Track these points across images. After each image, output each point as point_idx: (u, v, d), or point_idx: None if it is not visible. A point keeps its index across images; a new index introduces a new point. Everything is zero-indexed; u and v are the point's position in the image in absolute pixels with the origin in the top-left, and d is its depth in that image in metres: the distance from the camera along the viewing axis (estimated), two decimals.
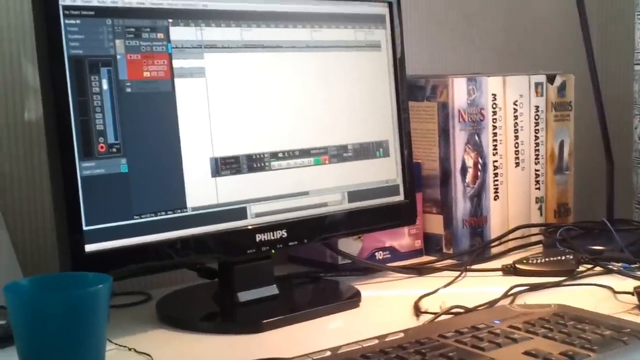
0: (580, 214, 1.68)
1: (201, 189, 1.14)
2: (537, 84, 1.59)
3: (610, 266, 1.37)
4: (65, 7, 1.04)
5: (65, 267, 1.04)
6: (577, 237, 1.51)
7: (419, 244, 1.52)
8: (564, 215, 1.65)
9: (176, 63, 1.12)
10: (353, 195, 1.30)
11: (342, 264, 1.41)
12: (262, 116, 1.20)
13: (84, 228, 1.04)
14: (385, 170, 1.34)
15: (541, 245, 1.54)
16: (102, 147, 1.06)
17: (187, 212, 1.12)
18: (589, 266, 1.38)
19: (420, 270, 1.40)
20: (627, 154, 1.76)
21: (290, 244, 1.22)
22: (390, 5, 1.36)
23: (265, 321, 1.13)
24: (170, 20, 1.12)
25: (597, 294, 1.24)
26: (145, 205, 1.09)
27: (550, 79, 1.61)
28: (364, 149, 1.32)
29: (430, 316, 1.13)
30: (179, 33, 1.13)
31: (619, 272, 1.34)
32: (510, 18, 1.89)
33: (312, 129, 1.26)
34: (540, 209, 1.61)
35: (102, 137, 1.06)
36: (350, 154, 1.30)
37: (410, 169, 1.38)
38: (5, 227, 1.21)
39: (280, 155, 1.22)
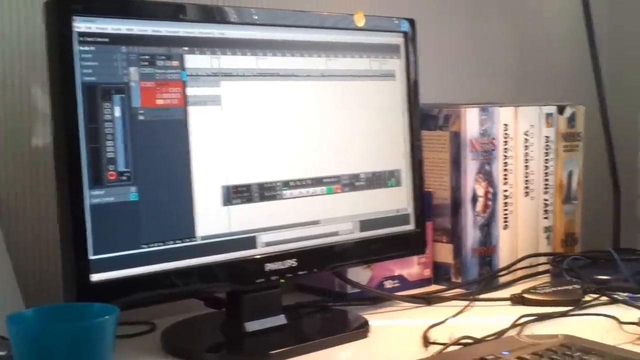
0: (587, 243, 1.62)
1: (212, 218, 1.07)
2: (547, 115, 1.53)
3: (616, 296, 1.32)
4: (80, 34, 0.97)
5: (69, 296, 0.97)
6: (583, 266, 1.45)
7: (428, 273, 1.46)
8: (571, 245, 1.59)
9: (191, 91, 1.06)
10: (364, 225, 1.23)
11: (351, 293, 1.34)
12: (275, 144, 1.14)
13: (91, 257, 0.97)
14: (396, 200, 1.28)
15: (549, 274, 1.48)
16: (112, 175, 0.99)
17: (196, 241, 1.06)
18: (595, 296, 1.33)
19: (429, 300, 1.34)
20: (634, 184, 1.72)
21: (300, 273, 1.16)
22: (405, 35, 1.29)
23: (272, 352, 1.07)
24: (186, 48, 1.06)
25: (603, 324, 1.20)
26: (154, 234, 1.02)
27: (561, 110, 1.55)
28: (376, 177, 1.25)
29: (439, 347, 1.09)
30: (195, 61, 1.06)
31: (624, 302, 1.30)
32: (522, 49, 1.84)
33: (325, 158, 1.19)
34: (548, 238, 1.55)
35: (113, 164, 0.99)
36: (363, 183, 1.23)
37: (422, 198, 1.31)
38: (7, 253, 1.13)
39: (292, 184, 1.15)
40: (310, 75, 1.18)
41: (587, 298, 1.32)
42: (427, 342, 1.11)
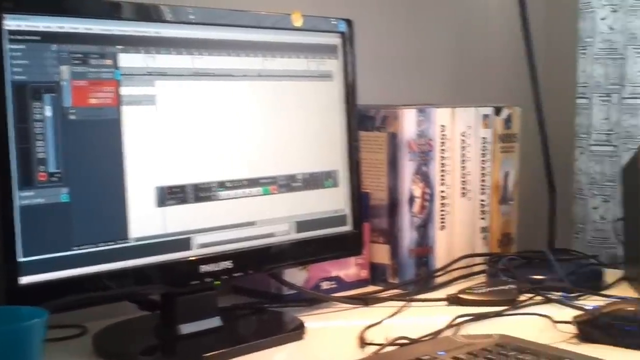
0: (523, 243, 1.64)
1: (145, 219, 1.05)
2: (484, 116, 1.53)
3: (550, 296, 1.33)
4: (11, 32, 0.95)
5: None
6: (519, 266, 1.46)
7: (365, 273, 1.44)
8: (507, 245, 1.60)
9: (125, 90, 1.04)
10: (301, 226, 1.22)
11: (287, 295, 1.33)
12: (211, 145, 1.12)
13: (20, 259, 0.95)
14: (334, 200, 1.27)
15: (485, 274, 1.48)
16: (42, 176, 0.96)
17: (129, 242, 1.04)
18: (530, 296, 1.34)
19: (365, 301, 1.33)
20: (569, 185, 1.74)
21: (235, 275, 1.14)
22: (342, 35, 1.28)
23: (207, 354, 1.05)
24: (120, 47, 1.03)
25: (537, 324, 1.21)
26: (86, 236, 1.00)
27: (497, 111, 1.56)
28: (313, 178, 1.24)
29: (375, 347, 1.08)
30: (129, 60, 1.04)
31: (558, 302, 1.31)
32: (460, 51, 1.84)
33: (262, 159, 1.18)
34: (484, 238, 1.55)
35: (43, 165, 0.96)
36: (300, 184, 1.22)
37: (359, 199, 1.30)
38: None
39: (228, 184, 1.14)
40: (246, 75, 1.16)
41: (522, 298, 1.33)
42: (363, 342, 1.10)
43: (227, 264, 1.13)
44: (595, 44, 1.69)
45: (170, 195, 1.08)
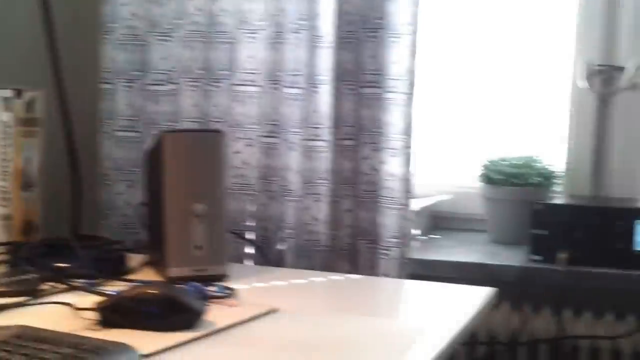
0: (50, 231, 1.62)
1: None
2: (5, 99, 1.51)
3: (73, 283, 1.34)
4: None
5: None
6: (42, 255, 1.45)
7: None
8: (31, 233, 1.58)
9: None
10: None
11: None
12: None
13: None
14: None
15: (5, 264, 1.44)
16: None
17: None
18: (53, 284, 1.33)
19: None
20: (96, 171, 1.76)
21: None
22: None
23: None
24: None
25: (60, 312, 1.20)
26: None
27: (19, 94, 1.54)
28: None
29: None
30: None
31: (82, 289, 1.32)
32: None
33: None
34: (6, 226, 1.52)
35: None
36: None
37: None
38: None
39: None
40: None
41: (45, 287, 1.32)
42: None
43: None
44: (118, 29, 1.73)
45: None
